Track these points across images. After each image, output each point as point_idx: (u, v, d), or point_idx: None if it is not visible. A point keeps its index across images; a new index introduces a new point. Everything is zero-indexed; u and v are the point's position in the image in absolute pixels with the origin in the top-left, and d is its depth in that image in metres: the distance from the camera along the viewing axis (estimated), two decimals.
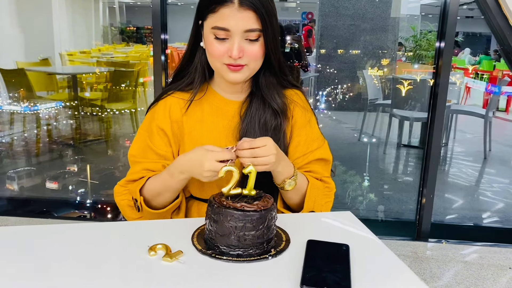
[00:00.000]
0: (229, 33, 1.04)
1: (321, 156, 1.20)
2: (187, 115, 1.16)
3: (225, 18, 1.03)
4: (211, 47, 1.07)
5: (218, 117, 1.16)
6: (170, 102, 1.17)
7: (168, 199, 1.11)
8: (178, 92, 1.18)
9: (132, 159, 1.17)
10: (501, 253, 2.57)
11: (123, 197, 1.15)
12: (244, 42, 1.05)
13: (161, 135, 1.15)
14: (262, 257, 0.85)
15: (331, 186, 1.21)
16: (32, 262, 0.82)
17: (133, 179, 1.14)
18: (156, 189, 1.10)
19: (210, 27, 1.06)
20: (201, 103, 1.17)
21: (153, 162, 1.14)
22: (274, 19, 1.07)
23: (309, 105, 1.24)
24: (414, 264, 2.44)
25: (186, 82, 1.17)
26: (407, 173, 4.16)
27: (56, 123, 4.70)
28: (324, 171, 1.21)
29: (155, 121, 1.16)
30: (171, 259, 0.82)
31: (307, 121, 1.20)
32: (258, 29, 1.04)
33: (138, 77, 4.63)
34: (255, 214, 0.85)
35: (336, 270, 0.80)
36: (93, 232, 0.98)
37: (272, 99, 1.15)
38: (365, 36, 4.99)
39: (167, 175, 1.06)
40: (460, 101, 6.30)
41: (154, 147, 1.14)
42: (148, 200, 1.12)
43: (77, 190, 3.40)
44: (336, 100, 5.28)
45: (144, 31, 10.00)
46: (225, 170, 0.93)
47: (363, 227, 1.02)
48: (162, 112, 1.16)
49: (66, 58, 5.75)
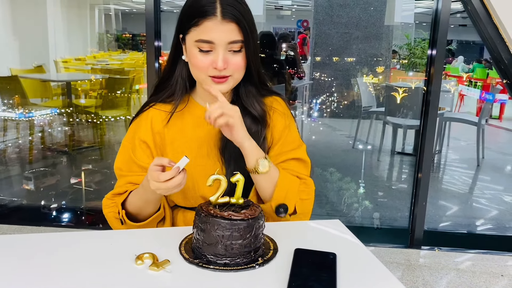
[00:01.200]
0: (213, 45, 1.06)
1: (297, 156, 1.20)
2: (168, 127, 1.18)
3: (208, 31, 1.05)
4: (195, 60, 1.08)
5: (199, 127, 1.18)
6: (152, 114, 1.19)
7: (151, 211, 1.13)
8: (159, 104, 1.19)
9: (118, 172, 1.19)
10: (494, 260, 2.58)
11: (110, 210, 1.16)
12: (228, 53, 1.07)
13: (144, 147, 1.17)
14: (249, 266, 0.85)
15: (308, 183, 1.19)
16: (18, 271, 0.82)
17: (119, 192, 1.16)
18: (137, 203, 1.12)
19: (193, 40, 1.07)
20: (182, 114, 1.19)
21: (137, 175, 1.15)
22: (254, 30, 1.10)
23: (289, 111, 1.26)
24: (407, 271, 2.44)
25: (167, 94, 1.19)
26: (401, 180, 4.17)
27: (50, 129, 4.69)
28: (302, 170, 1.20)
29: (137, 134, 1.18)
30: (158, 268, 0.82)
31: (286, 126, 1.22)
32: (241, 40, 1.07)
33: (133, 84, 4.63)
34: (242, 223, 0.86)
35: (323, 279, 0.80)
36: (80, 240, 0.98)
37: (252, 106, 1.18)
38: (359, 44, 5.03)
39: (142, 189, 1.09)
40: (453, 108, 6.34)
41: (137, 160, 1.16)
42: (134, 213, 1.14)
43: (70, 197, 3.38)
44: (330, 107, 5.30)
45: (140, 38, 10.02)
46: (213, 178, 0.93)
47: (351, 235, 1.02)
48: (144, 124, 1.18)
49: (61, 65, 5.74)
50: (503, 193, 3.93)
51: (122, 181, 1.16)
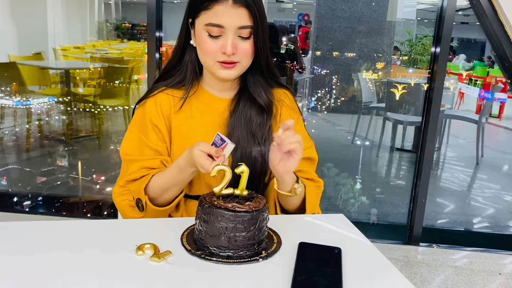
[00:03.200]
0: (223, 29, 1.05)
1: (309, 155, 1.20)
2: (176, 112, 1.16)
3: (219, 15, 1.04)
4: (204, 44, 1.07)
5: (207, 114, 1.17)
6: (160, 98, 1.17)
7: (174, 194, 1.10)
8: (169, 89, 1.18)
9: (126, 158, 1.15)
10: (492, 258, 2.58)
11: (123, 198, 1.13)
12: (237, 39, 1.07)
13: (156, 131, 1.15)
14: (253, 259, 0.84)
15: (320, 184, 1.21)
16: (16, 259, 0.80)
17: (133, 178, 1.12)
18: (163, 186, 1.08)
19: (203, 24, 1.06)
20: (190, 100, 1.17)
21: (151, 159, 1.12)
22: (264, 18, 1.09)
23: (297, 106, 1.25)
24: (405, 268, 2.43)
25: (177, 79, 1.17)
26: (400, 177, 4.16)
27: (48, 118, 4.65)
28: (312, 170, 1.22)
29: (148, 116, 1.15)
30: (159, 259, 0.80)
31: (294, 121, 1.20)
32: (251, 26, 1.06)
33: (132, 74, 4.59)
34: (246, 215, 0.84)
35: (328, 273, 0.78)
36: (80, 229, 0.96)
37: (259, 95, 1.17)
38: (360, 39, 5.00)
39: (177, 169, 1.05)
40: (453, 106, 6.33)
41: (150, 143, 1.13)
42: (153, 198, 1.11)
43: (66, 186, 3.36)
44: (330, 102, 5.28)
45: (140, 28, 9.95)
46: (217, 169, 0.91)
47: (356, 230, 1.00)
48: (154, 108, 1.16)
49: (60, 53, 5.70)
50: (502, 192, 3.93)
51: (134, 166, 1.12)
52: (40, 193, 3.21)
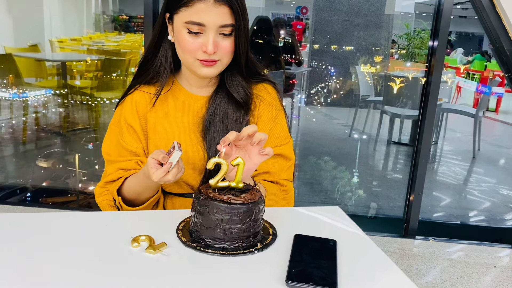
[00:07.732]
0: (203, 28, 1.02)
1: (281, 152, 1.16)
2: (152, 111, 1.14)
3: (200, 12, 1.01)
4: (184, 41, 1.04)
5: (183, 113, 1.15)
6: (136, 97, 1.15)
7: (150, 195, 1.11)
8: (143, 86, 1.16)
9: (107, 158, 1.16)
10: (487, 251, 2.59)
11: (103, 198, 1.14)
12: (218, 37, 1.04)
13: (131, 131, 1.14)
14: (248, 251, 0.84)
15: (288, 189, 1.16)
16: (12, 251, 0.80)
17: (111, 179, 1.13)
18: (136, 190, 1.09)
19: (183, 21, 1.03)
20: (166, 97, 1.15)
21: (127, 160, 1.13)
22: (245, 14, 1.06)
23: (279, 102, 1.21)
24: (400, 261, 2.45)
25: (151, 75, 1.15)
26: (396, 170, 4.17)
27: (44, 110, 4.63)
28: (282, 172, 1.16)
29: (123, 116, 1.14)
30: (155, 251, 0.81)
31: (272, 117, 1.17)
32: (232, 24, 1.04)
33: (129, 66, 4.57)
34: (242, 207, 0.84)
35: (323, 265, 0.78)
36: (75, 221, 0.96)
37: (236, 92, 1.14)
38: (358, 32, 4.98)
39: (143, 176, 1.05)
40: (451, 100, 6.34)
41: (125, 145, 1.13)
42: (131, 199, 1.12)
43: (62, 179, 3.35)
44: (327, 95, 5.27)
45: (137, 21, 9.88)
46: (214, 162, 0.91)
47: (351, 222, 1.01)
48: (130, 107, 1.15)
49: (56, 45, 5.65)
50: (498, 186, 3.95)
51: (112, 168, 1.13)
52: (36, 185, 3.21)
